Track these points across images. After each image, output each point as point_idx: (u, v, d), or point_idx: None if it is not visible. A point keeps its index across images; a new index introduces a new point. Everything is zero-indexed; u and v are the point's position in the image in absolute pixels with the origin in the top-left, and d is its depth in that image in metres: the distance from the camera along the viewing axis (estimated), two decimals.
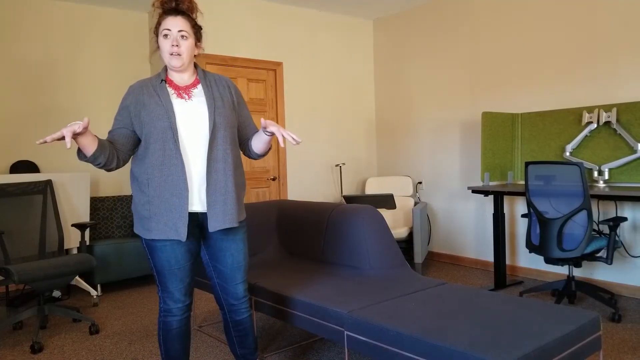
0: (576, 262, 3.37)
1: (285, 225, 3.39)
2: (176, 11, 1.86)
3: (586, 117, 3.71)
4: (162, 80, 1.90)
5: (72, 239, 3.94)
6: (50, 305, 3.18)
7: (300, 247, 3.23)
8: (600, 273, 3.82)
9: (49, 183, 3.61)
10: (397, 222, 4.81)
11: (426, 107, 5.18)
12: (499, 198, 3.94)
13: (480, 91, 4.65)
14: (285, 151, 5.08)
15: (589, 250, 3.14)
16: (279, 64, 5.03)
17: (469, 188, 3.88)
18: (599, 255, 3.25)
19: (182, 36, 1.85)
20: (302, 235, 3.23)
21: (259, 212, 3.46)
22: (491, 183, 4.09)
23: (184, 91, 1.91)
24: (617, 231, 3.67)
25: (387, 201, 4.45)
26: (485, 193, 3.96)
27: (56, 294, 3.94)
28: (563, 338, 1.71)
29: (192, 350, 2.81)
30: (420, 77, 5.23)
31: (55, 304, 3.37)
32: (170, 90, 1.89)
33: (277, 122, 5.04)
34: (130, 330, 3.19)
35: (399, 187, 5.18)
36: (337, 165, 5.29)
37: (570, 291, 3.41)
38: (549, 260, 3.37)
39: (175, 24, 1.84)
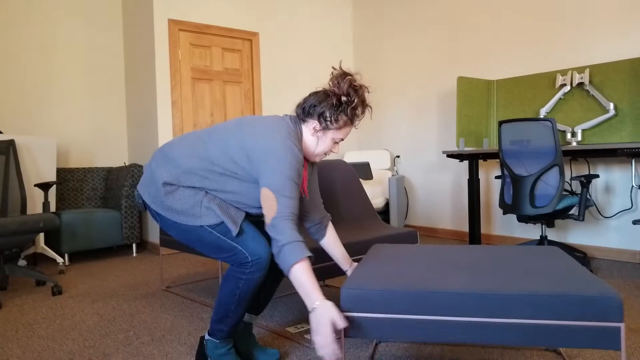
0: (549, 222, 3.36)
1: None
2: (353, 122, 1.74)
3: (560, 79, 3.70)
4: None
5: (37, 205, 3.82)
6: (11, 265, 3.06)
7: None
8: (573, 236, 3.82)
9: (11, 143, 3.49)
10: (374, 194, 4.77)
11: (404, 79, 5.14)
12: (473, 163, 3.92)
13: (457, 61, 4.63)
14: None
15: (560, 206, 3.13)
16: (255, 34, 4.95)
17: (444, 152, 3.85)
18: (571, 213, 3.24)
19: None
20: None
21: None
22: (466, 149, 4.06)
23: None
24: (590, 192, 3.67)
25: (363, 170, 4.40)
26: (460, 158, 3.93)
27: (22, 263, 3.82)
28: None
29: (162, 308, 2.73)
30: (398, 48, 5.19)
31: (18, 264, 3.26)
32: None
33: (252, 93, 4.96)
34: (95, 292, 3.09)
35: (377, 161, 5.14)
36: None
37: None
38: (521, 219, 3.35)
39: (348, 133, 1.76)
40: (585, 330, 1.25)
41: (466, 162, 4.56)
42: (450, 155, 3.92)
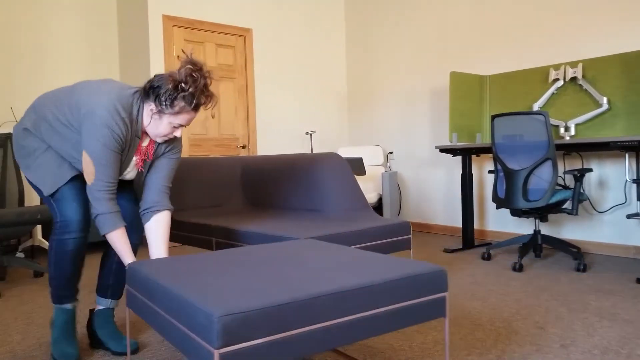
0: (542, 216, 3.36)
1: (250, 178, 3.31)
2: (197, 108, 1.75)
3: (553, 74, 3.70)
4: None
5: (35, 198, 3.81)
6: (10, 256, 3.06)
7: (264, 197, 3.15)
8: (567, 231, 3.83)
9: (8, 137, 3.48)
10: (367, 189, 4.76)
11: (397, 76, 5.14)
12: (466, 157, 3.91)
13: (450, 57, 4.63)
14: (254, 119, 4.98)
15: (554, 200, 3.13)
16: (249, 31, 4.94)
17: (437, 147, 3.84)
18: (564, 207, 3.24)
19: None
20: (266, 187, 3.15)
21: (221, 167, 3.37)
22: (459, 143, 4.06)
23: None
24: (584, 186, 3.68)
25: (357, 165, 4.39)
26: (453, 152, 3.93)
27: (19, 255, 3.80)
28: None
29: None
30: (391, 45, 5.19)
31: (15, 256, 3.25)
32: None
33: (246, 89, 4.95)
34: (92, 283, 3.07)
35: (370, 157, 5.13)
36: (307, 133, 5.21)
37: (536, 244, 3.40)
38: (514, 213, 3.35)
39: (190, 120, 1.78)
40: (420, 306, 1.32)
41: (459, 157, 4.56)
42: (444, 150, 3.91)
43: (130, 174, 1.89)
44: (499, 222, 4.30)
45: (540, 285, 2.77)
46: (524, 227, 4.12)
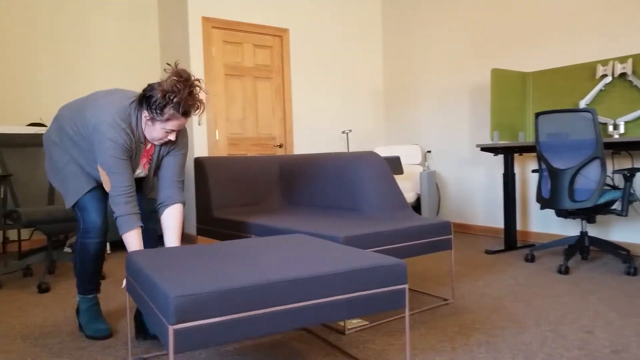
0: (589, 217, 3.24)
1: (288, 177, 3.33)
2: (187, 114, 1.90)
3: (600, 70, 3.56)
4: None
5: None
6: (59, 251, 3.19)
7: (302, 196, 3.16)
8: (616, 232, 3.67)
9: None
10: (404, 189, 4.71)
11: (435, 73, 5.06)
12: (509, 157, 3.81)
13: (489, 53, 4.52)
14: (291, 118, 5.01)
15: (602, 201, 3.01)
16: (286, 31, 4.96)
17: (477, 145, 3.76)
18: (613, 208, 3.11)
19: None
20: (304, 185, 3.16)
21: (260, 166, 3.40)
22: (500, 142, 3.96)
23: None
24: (634, 186, 3.52)
25: (394, 164, 4.35)
26: (495, 152, 3.84)
27: (67, 250, 3.95)
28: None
29: None
30: (429, 41, 5.12)
31: (63, 251, 3.39)
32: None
33: (283, 89, 4.98)
34: None
35: (408, 156, 5.07)
36: (343, 132, 5.20)
37: (582, 246, 3.28)
38: (560, 214, 3.24)
39: (181, 125, 1.93)
40: (378, 296, 1.44)
41: (500, 157, 4.45)
42: (485, 148, 3.82)
43: (141, 173, 2.09)
44: (542, 223, 4.17)
45: (588, 288, 2.67)
46: (569, 228, 3.98)
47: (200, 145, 4.45)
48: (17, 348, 2.01)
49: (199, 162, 3.24)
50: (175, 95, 1.81)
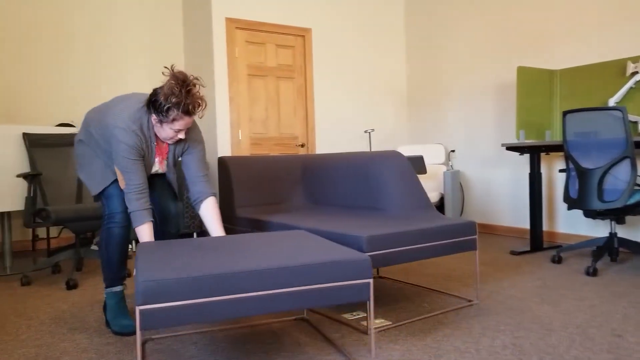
0: (619, 218, 3.15)
1: (311, 176, 3.33)
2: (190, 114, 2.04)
3: (631, 67, 3.47)
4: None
5: None
6: (86, 248, 3.26)
7: (325, 195, 3.16)
8: None
9: None
10: (428, 189, 4.67)
11: (459, 72, 5.00)
12: (535, 156, 3.74)
13: (515, 51, 4.44)
14: (313, 117, 5.02)
15: (632, 201, 2.93)
16: (308, 30, 4.97)
17: (503, 145, 3.70)
18: None
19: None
20: (327, 185, 3.16)
21: (282, 165, 3.41)
22: (526, 141, 3.89)
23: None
24: None
25: (417, 164, 4.31)
26: (521, 151, 3.77)
27: (94, 247, 4.03)
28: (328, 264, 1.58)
29: None
30: (453, 39, 5.06)
31: (90, 248, 3.46)
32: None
33: (305, 89, 4.99)
34: None
35: (431, 155, 5.03)
36: (366, 132, 5.18)
37: (611, 247, 3.20)
38: (588, 214, 3.17)
39: (187, 124, 2.07)
40: (342, 289, 1.57)
41: (526, 156, 4.37)
42: (510, 148, 3.76)
43: (159, 170, 2.27)
44: (569, 223, 4.08)
45: (617, 291, 2.60)
46: (598, 229, 3.89)
47: (223, 145, 4.50)
48: (46, 343, 2.06)
49: (222, 162, 3.27)
50: (175, 97, 1.95)
